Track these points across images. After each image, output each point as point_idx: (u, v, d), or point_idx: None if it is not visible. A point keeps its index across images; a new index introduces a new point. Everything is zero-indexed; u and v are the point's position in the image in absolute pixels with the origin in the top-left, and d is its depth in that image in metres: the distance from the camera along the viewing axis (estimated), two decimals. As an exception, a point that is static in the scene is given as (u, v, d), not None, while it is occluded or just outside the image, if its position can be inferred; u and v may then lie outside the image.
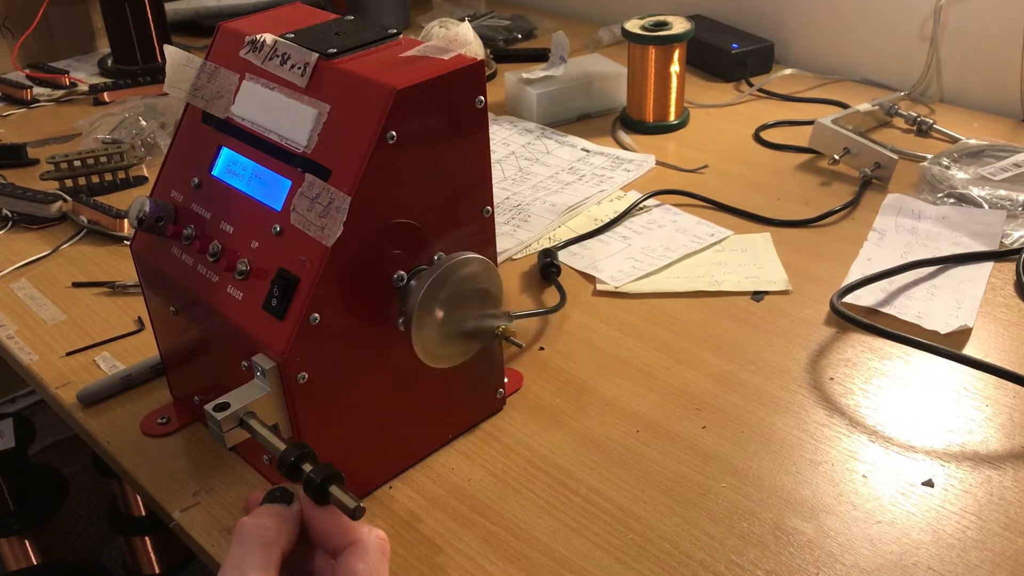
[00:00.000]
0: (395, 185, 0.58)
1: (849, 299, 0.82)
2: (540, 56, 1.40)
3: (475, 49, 1.19)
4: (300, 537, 0.50)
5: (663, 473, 0.66)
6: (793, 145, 1.12)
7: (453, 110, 0.60)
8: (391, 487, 0.66)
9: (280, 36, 0.63)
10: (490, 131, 0.79)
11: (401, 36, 0.63)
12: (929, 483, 0.65)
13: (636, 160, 1.10)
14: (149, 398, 0.75)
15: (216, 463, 0.69)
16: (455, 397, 0.68)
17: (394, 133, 0.56)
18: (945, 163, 1.02)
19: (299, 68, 0.61)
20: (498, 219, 0.98)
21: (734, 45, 1.32)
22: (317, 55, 0.61)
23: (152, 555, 1.53)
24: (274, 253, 0.59)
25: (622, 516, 0.63)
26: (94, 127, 1.18)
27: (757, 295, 0.85)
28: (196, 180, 0.65)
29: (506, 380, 0.73)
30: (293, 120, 0.61)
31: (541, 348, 0.80)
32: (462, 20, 1.40)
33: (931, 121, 1.14)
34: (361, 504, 0.49)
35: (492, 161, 0.65)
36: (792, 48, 1.37)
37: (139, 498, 1.45)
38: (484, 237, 0.65)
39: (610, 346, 0.80)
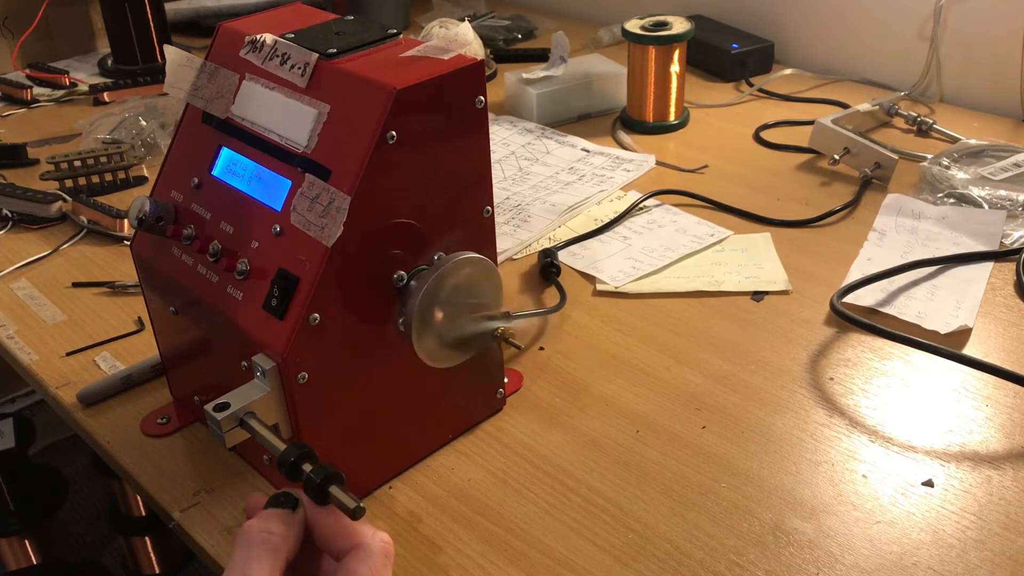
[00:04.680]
0: (395, 185, 0.58)
1: (849, 299, 0.82)
2: (540, 56, 1.40)
3: (475, 49, 1.19)
4: (304, 540, 0.49)
5: (663, 473, 0.66)
6: (793, 145, 1.12)
7: (453, 110, 0.60)
8: (391, 487, 0.66)
9: (280, 36, 0.63)
10: (490, 131, 0.79)
11: (401, 36, 0.63)
12: (929, 483, 0.65)
13: (636, 160, 1.10)
14: (149, 398, 0.75)
15: (216, 463, 0.69)
16: (455, 397, 0.68)
17: (394, 133, 0.56)
18: (945, 163, 1.02)
19: (299, 68, 0.61)
20: (498, 219, 0.98)
21: (734, 45, 1.32)
22: (317, 55, 0.61)
23: (152, 555, 1.53)
24: (274, 253, 0.59)
25: (622, 516, 0.63)
26: (94, 127, 1.18)
27: (757, 295, 0.85)
28: (196, 180, 0.65)
29: (506, 380, 0.73)
30: (293, 120, 0.61)
31: (541, 348, 0.80)
32: (462, 20, 1.40)
33: (931, 121, 1.14)
34: (361, 504, 0.49)
35: (492, 161, 0.65)
36: (792, 48, 1.37)
37: (139, 498, 1.45)
38: (484, 237, 0.65)
39: (610, 346, 0.80)
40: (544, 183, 1.06)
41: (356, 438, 0.63)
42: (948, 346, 0.73)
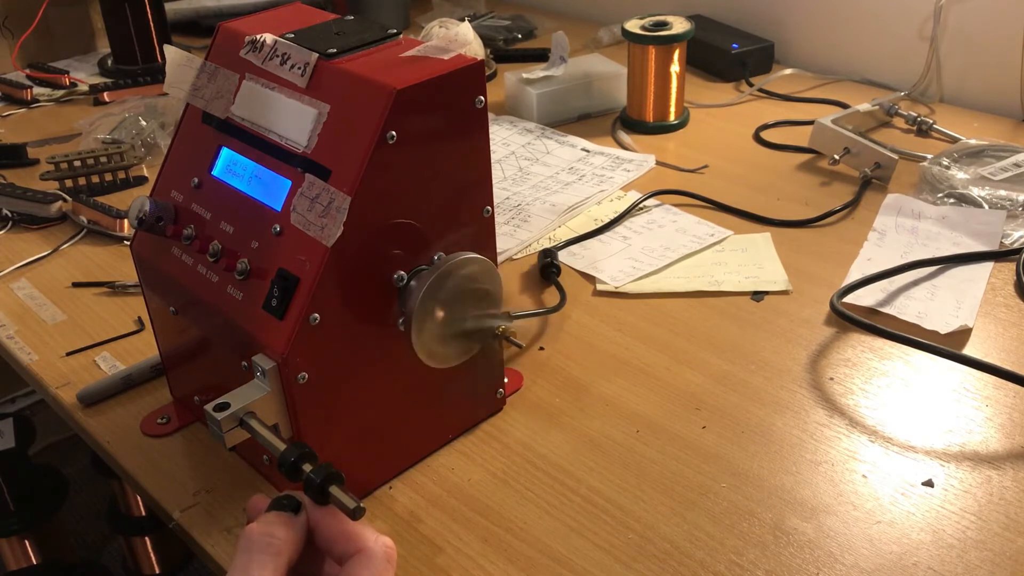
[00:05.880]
0: (395, 185, 0.58)
1: (849, 299, 0.82)
2: (540, 56, 1.40)
3: (475, 49, 1.19)
4: (306, 543, 0.49)
5: (663, 473, 0.66)
6: (793, 145, 1.12)
7: (453, 110, 0.60)
8: (391, 487, 0.66)
9: (280, 36, 0.63)
10: (490, 131, 0.79)
11: (401, 36, 0.64)
12: (929, 483, 0.65)
13: (636, 160, 1.10)
14: (149, 398, 0.75)
15: (216, 463, 0.69)
16: (455, 397, 0.68)
17: (394, 133, 0.56)
18: (945, 163, 1.02)
19: (299, 68, 0.61)
20: (498, 219, 0.98)
21: (734, 45, 1.32)
22: (317, 55, 0.61)
23: (152, 555, 1.53)
24: (274, 253, 0.59)
25: (622, 516, 0.63)
26: (94, 127, 1.18)
27: (757, 295, 0.85)
28: (196, 180, 0.65)
29: (506, 380, 0.73)
30: (293, 120, 0.61)
31: (541, 348, 0.80)
32: (462, 20, 1.40)
33: (931, 121, 1.14)
34: (361, 504, 0.49)
35: (492, 161, 0.65)
36: (792, 48, 1.37)
37: (139, 498, 1.45)
38: (484, 237, 0.65)
39: (610, 346, 0.80)
40: (544, 183, 1.06)
41: (356, 438, 0.63)
42: (948, 346, 0.73)
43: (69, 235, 1.00)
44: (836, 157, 1.05)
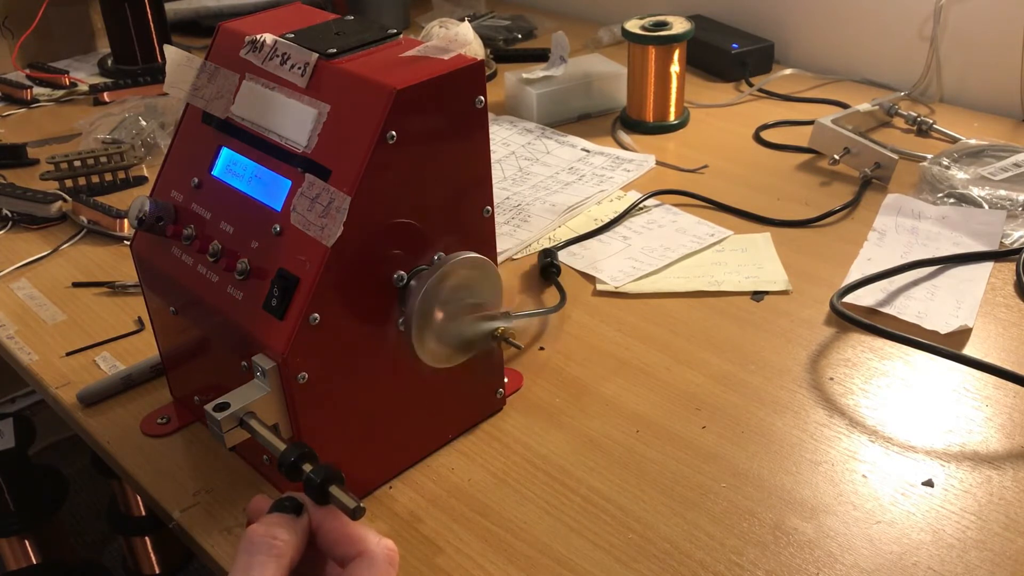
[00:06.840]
0: (395, 185, 0.58)
1: (849, 299, 0.82)
2: (540, 56, 1.40)
3: (475, 49, 1.20)
4: (308, 545, 0.49)
5: (663, 473, 0.66)
6: (793, 145, 1.12)
7: (453, 110, 0.60)
8: (391, 487, 0.66)
9: (280, 36, 0.64)
10: (490, 131, 0.79)
11: (401, 36, 0.64)
12: (929, 483, 0.65)
13: (636, 160, 1.10)
14: (149, 398, 0.75)
15: (216, 463, 0.69)
16: (455, 397, 0.68)
17: (394, 133, 0.56)
18: (945, 163, 1.02)
19: (299, 68, 0.61)
20: (498, 219, 0.98)
21: (734, 45, 1.32)
22: (317, 55, 0.61)
23: (152, 555, 1.53)
24: (274, 253, 0.59)
25: (622, 516, 0.63)
26: (94, 127, 1.18)
27: (757, 295, 0.85)
28: (196, 180, 0.65)
29: (506, 380, 0.73)
30: (293, 120, 0.61)
31: (541, 348, 0.80)
32: (462, 20, 1.40)
33: (931, 121, 1.14)
34: (361, 504, 0.49)
35: (492, 161, 0.65)
36: (792, 48, 1.37)
37: (139, 498, 1.45)
38: (484, 237, 0.65)
39: (610, 346, 0.80)
40: (544, 183, 1.06)
41: (356, 438, 0.63)
42: (948, 346, 0.73)
43: (69, 235, 1.00)
44: (836, 157, 1.05)
